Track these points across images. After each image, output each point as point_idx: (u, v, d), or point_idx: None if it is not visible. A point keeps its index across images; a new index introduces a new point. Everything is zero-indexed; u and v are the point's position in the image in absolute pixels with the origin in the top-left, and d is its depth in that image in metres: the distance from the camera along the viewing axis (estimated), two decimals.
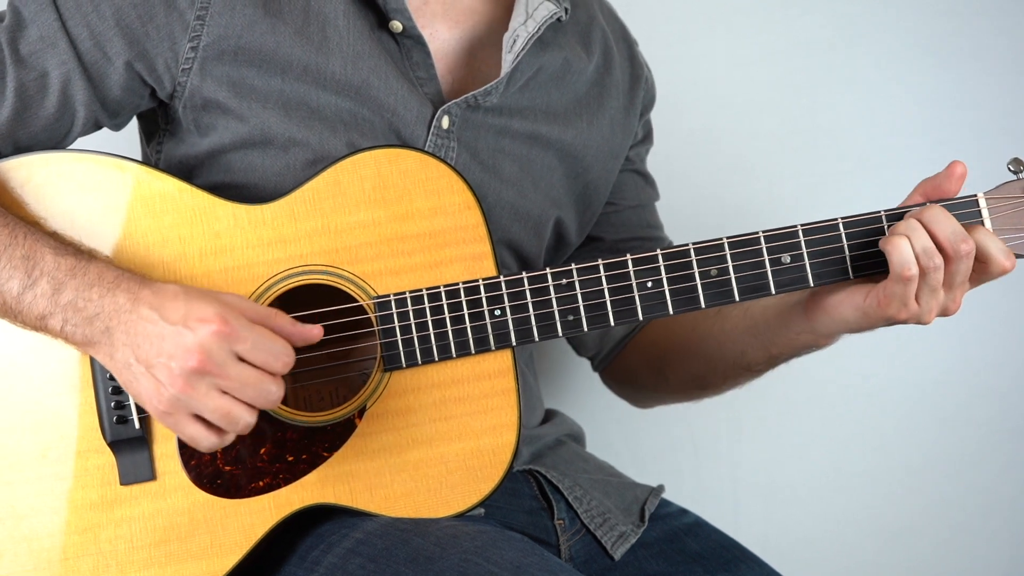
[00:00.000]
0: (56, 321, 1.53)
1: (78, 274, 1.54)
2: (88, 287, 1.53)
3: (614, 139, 1.94)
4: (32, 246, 1.55)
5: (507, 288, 1.65)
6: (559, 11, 1.81)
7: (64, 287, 1.53)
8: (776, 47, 2.54)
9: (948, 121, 2.56)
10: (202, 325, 1.48)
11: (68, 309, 1.53)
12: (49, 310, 1.53)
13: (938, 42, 2.55)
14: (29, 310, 1.54)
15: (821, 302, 1.70)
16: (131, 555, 1.60)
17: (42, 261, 1.54)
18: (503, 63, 1.77)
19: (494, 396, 1.66)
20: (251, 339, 1.50)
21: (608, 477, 1.95)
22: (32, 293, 1.54)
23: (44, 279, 1.53)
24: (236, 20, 1.66)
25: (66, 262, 1.54)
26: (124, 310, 1.52)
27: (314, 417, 1.63)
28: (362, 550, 1.57)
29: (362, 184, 1.65)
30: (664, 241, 2.07)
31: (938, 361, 2.61)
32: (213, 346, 1.48)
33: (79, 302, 1.53)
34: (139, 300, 1.52)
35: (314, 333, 1.55)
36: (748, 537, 1.95)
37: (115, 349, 1.52)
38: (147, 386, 1.51)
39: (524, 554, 1.54)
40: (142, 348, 1.50)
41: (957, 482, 2.64)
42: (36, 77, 1.65)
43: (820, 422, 2.61)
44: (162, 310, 1.50)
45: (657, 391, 2.08)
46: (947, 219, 1.60)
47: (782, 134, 2.54)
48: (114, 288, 1.53)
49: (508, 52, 1.76)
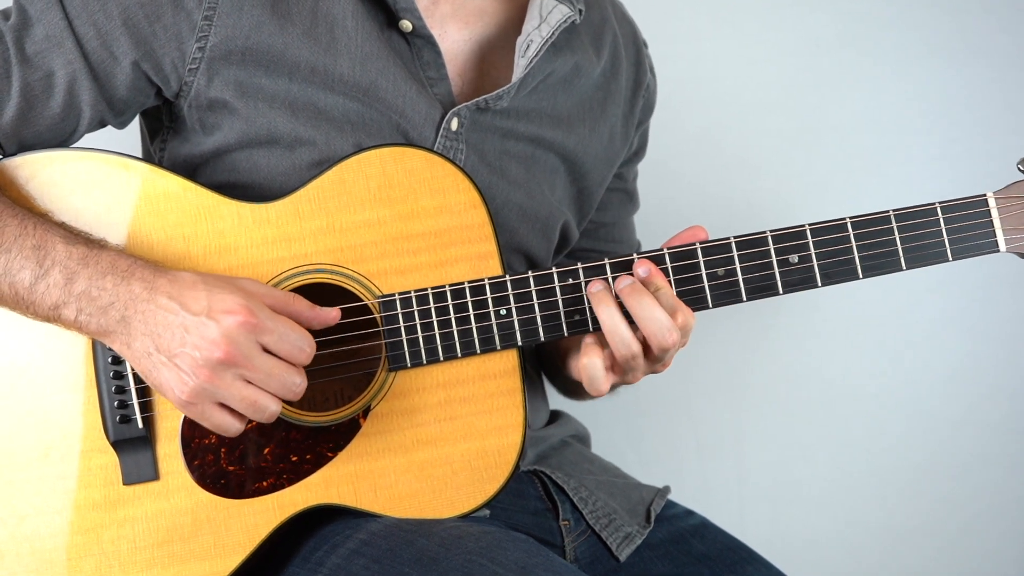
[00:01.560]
0: (70, 311, 1.53)
1: (90, 263, 1.53)
2: (101, 276, 1.52)
3: (612, 147, 1.94)
4: (43, 236, 1.54)
5: (513, 288, 1.65)
6: (573, 14, 1.79)
7: (77, 276, 1.52)
8: (784, 45, 2.54)
9: (957, 120, 2.56)
10: (227, 316, 1.49)
11: (82, 298, 1.52)
12: (63, 299, 1.53)
13: (947, 40, 2.55)
14: (42, 300, 1.53)
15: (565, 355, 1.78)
16: (134, 555, 1.59)
17: (53, 251, 1.53)
18: (516, 68, 1.76)
19: (499, 396, 1.66)
20: (277, 331, 1.51)
21: (613, 478, 1.95)
22: (45, 283, 1.53)
23: (56, 268, 1.53)
24: (244, 21, 1.66)
25: (78, 251, 1.54)
26: (141, 299, 1.51)
27: (318, 417, 1.63)
28: (366, 551, 1.57)
29: (367, 183, 1.64)
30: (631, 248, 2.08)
31: (946, 361, 2.61)
32: (239, 337, 1.48)
33: (93, 291, 1.52)
34: (156, 289, 1.51)
35: (332, 316, 1.57)
36: (754, 538, 1.94)
37: (132, 339, 1.52)
38: (169, 376, 1.50)
39: (529, 555, 1.54)
40: (163, 338, 1.50)
41: (965, 483, 2.64)
42: (42, 77, 1.64)
43: (827, 422, 2.61)
44: (183, 299, 1.50)
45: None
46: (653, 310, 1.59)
47: (790, 133, 2.55)
48: (128, 276, 1.52)
49: (521, 56, 1.75)
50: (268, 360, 1.51)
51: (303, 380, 1.53)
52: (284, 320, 1.52)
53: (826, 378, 2.52)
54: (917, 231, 1.66)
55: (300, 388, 1.53)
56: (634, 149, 2.01)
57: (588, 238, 2.02)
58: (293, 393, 1.52)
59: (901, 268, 1.66)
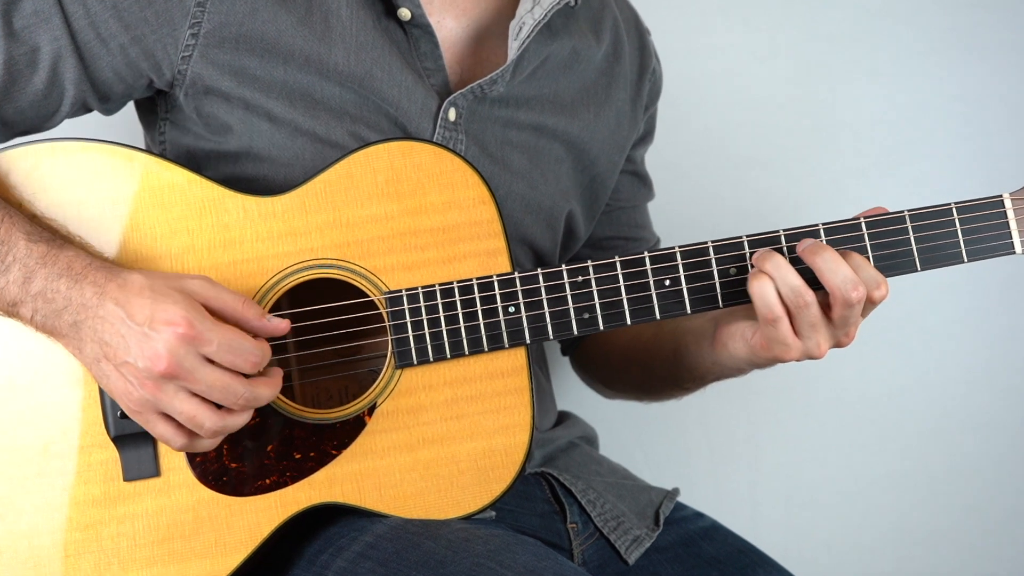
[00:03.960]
0: (27, 310, 1.53)
1: (48, 263, 1.52)
2: (57, 277, 1.52)
3: (620, 131, 1.93)
4: (8, 231, 1.53)
5: (521, 285, 1.63)
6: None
7: (35, 276, 1.52)
8: (796, 40, 2.53)
9: (972, 117, 2.55)
10: (167, 328, 1.47)
11: (38, 299, 1.52)
12: (20, 298, 1.52)
13: (962, 36, 2.54)
14: (1, 296, 1.53)
15: (720, 334, 1.71)
16: (133, 553, 1.58)
17: (15, 247, 1.53)
18: (509, 51, 1.75)
19: (507, 395, 1.65)
20: (216, 341, 1.49)
21: (622, 480, 1.94)
22: (4, 279, 1.52)
23: (16, 266, 1.52)
24: (238, 7, 1.65)
25: (38, 249, 1.53)
26: (91, 305, 1.51)
27: (323, 414, 1.61)
28: (372, 554, 1.55)
29: (375, 177, 1.63)
30: (651, 241, 2.08)
31: (962, 364, 2.60)
32: (180, 349, 1.47)
33: (48, 293, 1.52)
34: (105, 295, 1.50)
35: (281, 327, 1.55)
36: (766, 541, 1.93)
37: (83, 343, 1.52)
38: (118, 384, 1.51)
39: (538, 558, 1.52)
40: (110, 346, 1.50)
41: (980, 487, 2.63)
42: (27, 51, 1.64)
43: (840, 423, 2.60)
44: (128, 308, 1.49)
45: (607, 387, 2.10)
46: (837, 264, 1.57)
47: (802, 130, 2.54)
48: (81, 280, 1.52)
49: (514, 39, 1.74)
50: (211, 372, 1.49)
51: (247, 389, 1.50)
52: (227, 329, 1.50)
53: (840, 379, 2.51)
54: (932, 231, 1.65)
55: (245, 398, 1.51)
56: (641, 133, 2.01)
57: (607, 224, 2.02)
58: (239, 403, 1.50)
59: (916, 269, 1.64)
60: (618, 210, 2.02)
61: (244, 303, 1.53)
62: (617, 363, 2.00)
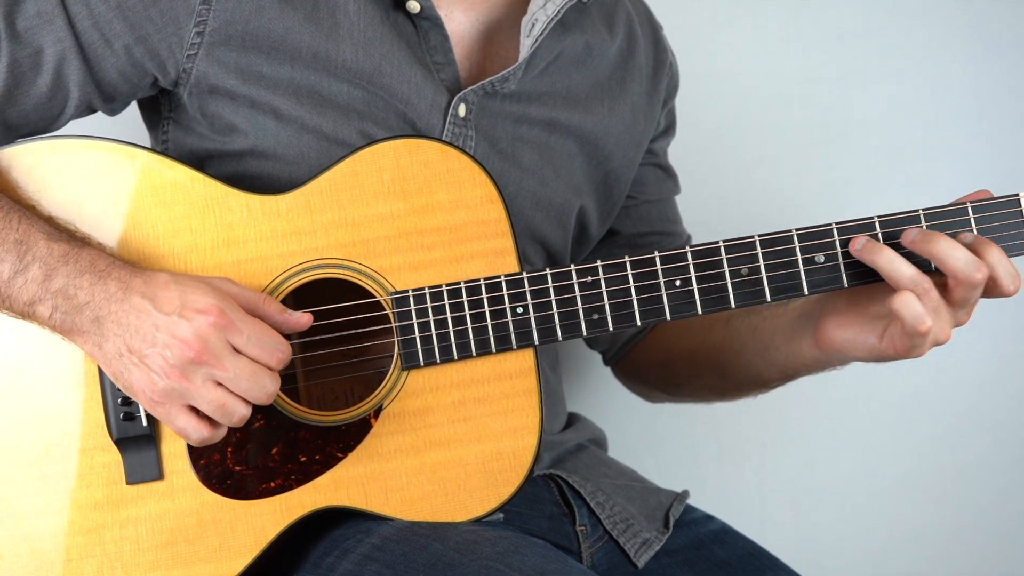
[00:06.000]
0: (45, 308, 1.51)
1: (70, 260, 1.52)
2: (79, 274, 1.51)
3: (636, 127, 1.91)
4: (26, 230, 1.53)
5: (530, 285, 1.62)
6: None
7: (56, 273, 1.51)
8: (806, 36, 2.52)
9: (986, 114, 2.54)
10: (199, 316, 1.47)
11: (58, 296, 1.51)
12: (39, 296, 1.51)
13: (974, 32, 2.54)
14: (19, 295, 1.52)
15: (831, 338, 1.69)
16: (137, 557, 1.57)
17: (35, 246, 1.52)
18: (521, 48, 1.73)
19: (515, 397, 1.63)
20: (247, 332, 1.49)
21: (631, 482, 1.93)
22: (23, 278, 1.52)
23: (36, 264, 1.52)
24: (244, 5, 1.64)
25: (59, 248, 1.52)
26: (115, 299, 1.50)
27: (328, 416, 1.60)
28: (379, 556, 1.54)
29: (381, 175, 1.62)
30: (683, 236, 2.06)
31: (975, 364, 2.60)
32: (211, 336, 1.47)
33: (70, 289, 1.51)
34: (131, 289, 1.50)
35: (303, 321, 1.55)
36: (776, 544, 1.92)
37: (104, 339, 1.50)
38: (139, 377, 1.49)
39: (547, 560, 1.52)
40: (135, 338, 1.49)
41: (993, 489, 2.63)
42: (30, 54, 1.62)
43: (850, 425, 2.60)
44: (155, 300, 1.49)
45: (667, 392, 2.08)
46: (954, 249, 1.57)
47: (812, 127, 2.53)
48: (105, 276, 1.51)
49: (526, 36, 1.73)
50: (239, 361, 1.49)
51: (274, 383, 1.51)
52: (256, 322, 1.51)
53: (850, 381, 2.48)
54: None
55: (271, 390, 1.50)
56: (662, 128, 1.99)
57: (635, 221, 2.00)
58: (264, 396, 1.50)
59: (931, 269, 1.62)
60: (646, 204, 2.00)
61: (264, 299, 1.54)
62: (683, 369, 1.97)
